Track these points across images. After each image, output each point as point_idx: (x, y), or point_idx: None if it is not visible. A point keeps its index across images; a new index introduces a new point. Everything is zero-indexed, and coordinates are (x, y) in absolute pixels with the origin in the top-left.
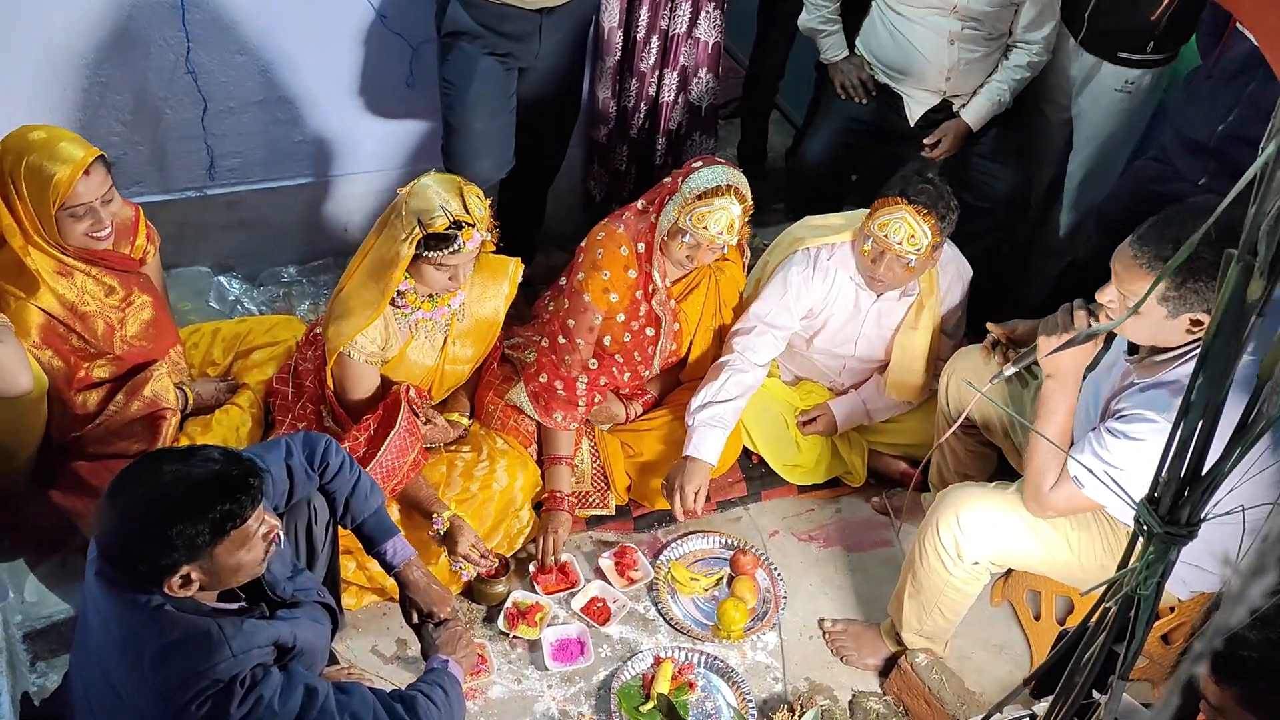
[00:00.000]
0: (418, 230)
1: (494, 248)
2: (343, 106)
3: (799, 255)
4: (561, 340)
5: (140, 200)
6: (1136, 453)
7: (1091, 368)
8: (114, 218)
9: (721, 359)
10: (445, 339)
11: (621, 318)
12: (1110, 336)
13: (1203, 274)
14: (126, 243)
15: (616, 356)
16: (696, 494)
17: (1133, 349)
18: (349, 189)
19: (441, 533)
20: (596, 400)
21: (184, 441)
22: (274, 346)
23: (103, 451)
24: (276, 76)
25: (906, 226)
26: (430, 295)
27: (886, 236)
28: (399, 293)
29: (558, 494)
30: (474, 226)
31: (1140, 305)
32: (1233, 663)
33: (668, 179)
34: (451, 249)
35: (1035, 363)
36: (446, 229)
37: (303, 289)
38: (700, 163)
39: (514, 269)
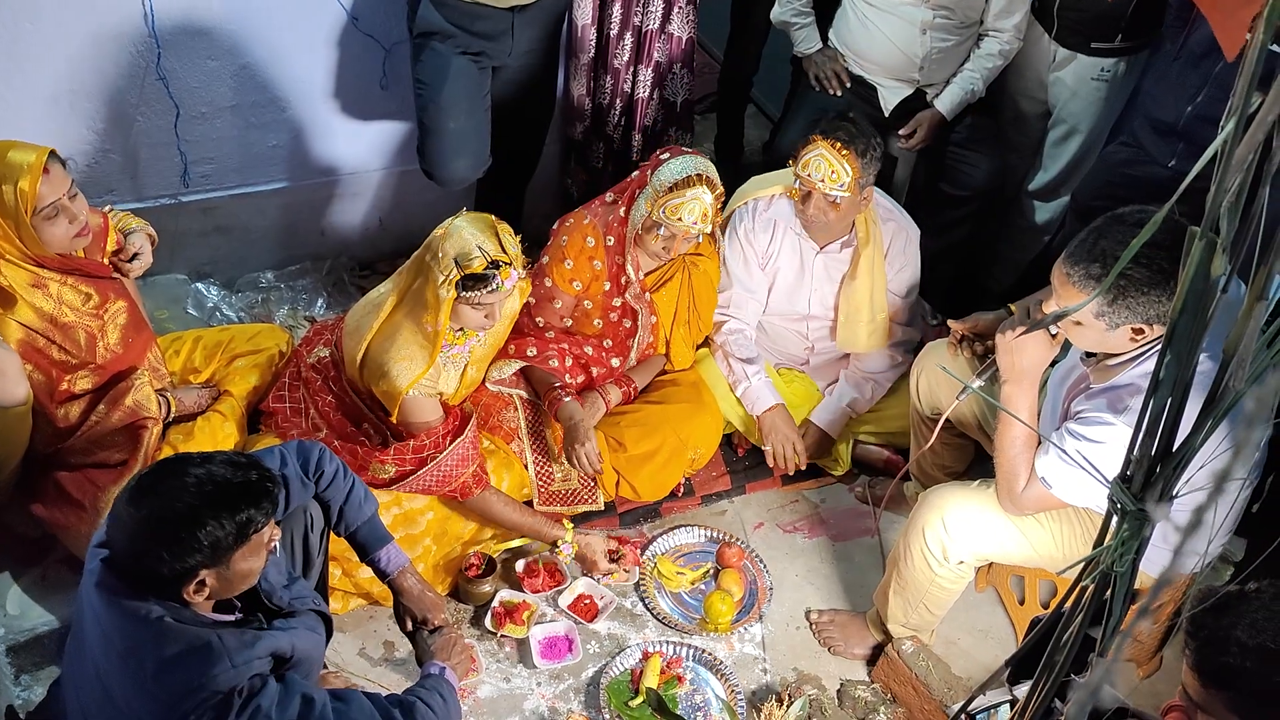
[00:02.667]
0: (456, 272)
1: (529, 283)
2: (317, 110)
3: (739, 210)
4: (525, 317)
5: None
6: (1096, 453)
7: (1052, 366)
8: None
9: (716, 339)
10: (465, 366)
11: (589, 304)
12: (1068, 342)
13: (1132, 290)
14: (98, 249)
15: (586, 348)
16: (795, 445)
17: (1091, 352)
18: (325, 192)
19: (572, 557)
20: (572, 367)
21: (166, 450)
22: (256, 354)
23: (84, 462)
24: (249, 81)
25: (826, 164)
26: (460, 329)
27: (809, 175)
28: None
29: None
30: (510, 264)
31: (1069, 315)
32: (1222, 670)
33: (635, 172)
34: (490, 288)
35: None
36: (485, 269)
37: (281, 294)
38: (667, 154)
39: (519, 291)
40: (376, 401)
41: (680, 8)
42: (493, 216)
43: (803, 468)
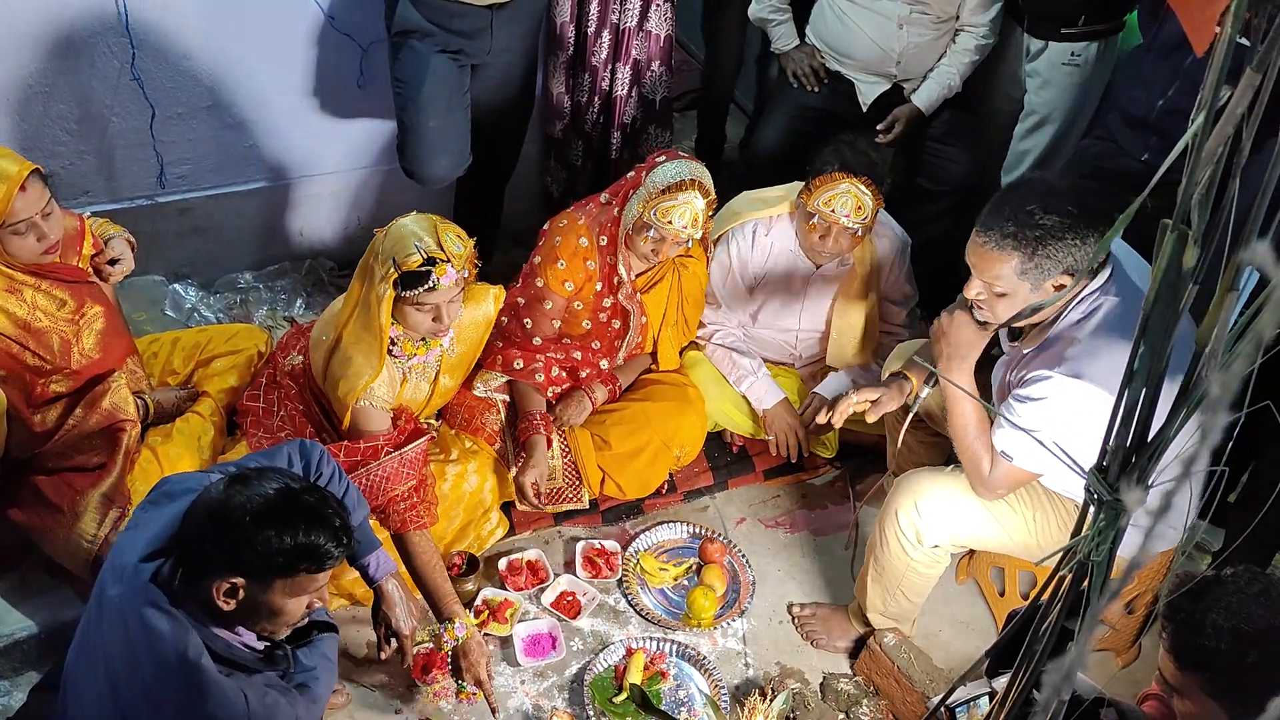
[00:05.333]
0: (393, 270)
1: (504, 291)
2: (294, 109)
3: (734, 231)
4: (514, 321)
5: (90, 210)
6: (1042, 410)
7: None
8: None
9: (706, 348)
10: (436, 373)
11: (579, 306)
12: (1003, 335)
13: (1049, 240)
14: (74, 254)
15: (575, 354)
16: (798, 432)
17: (1014, 334)
18: (303, 192)
19: (454, 644)
20: (559, 376)
21: (145, 453)
22: (235, 355)
23: (61, 466)
24: (225, 81)
25: (853, 199)
26: (422, 339)
27: (834, 212)
28: (391, 341)
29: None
30: (448, 262)
31: (993, 284)
32: (1198, 652)
33: (630, 173)
34: (426, 286)
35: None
36: (420, 266)
37: (259, 295)
38: (663, 157)
39: (495, 296)
40: (334, 412)
41: (658, 5)
42: (437, 217)
43: (807, 453)
